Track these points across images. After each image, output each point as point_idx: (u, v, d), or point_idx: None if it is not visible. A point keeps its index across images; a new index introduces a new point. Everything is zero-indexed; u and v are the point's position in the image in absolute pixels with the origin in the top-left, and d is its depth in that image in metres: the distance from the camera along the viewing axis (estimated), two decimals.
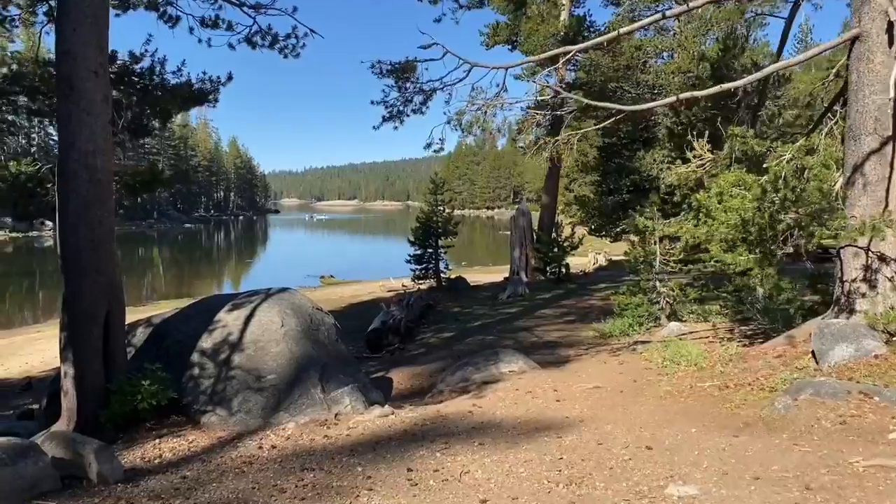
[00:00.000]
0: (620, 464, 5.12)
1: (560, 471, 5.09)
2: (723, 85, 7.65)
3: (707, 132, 18.58)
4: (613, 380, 8.70)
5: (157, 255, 66.59)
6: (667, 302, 13.47)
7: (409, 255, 26.13)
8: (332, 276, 38.06)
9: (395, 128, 14.54)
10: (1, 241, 70.60)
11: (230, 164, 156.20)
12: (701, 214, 8.81)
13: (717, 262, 9.00)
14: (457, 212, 33.07)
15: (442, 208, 26.29)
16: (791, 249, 7.98)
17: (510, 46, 29.40)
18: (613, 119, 11.73)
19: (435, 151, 10.87)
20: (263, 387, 7.89)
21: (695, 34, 29.88)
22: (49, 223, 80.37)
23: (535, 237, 26.95)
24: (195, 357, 8.37)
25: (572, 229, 29.21)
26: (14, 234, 74.48)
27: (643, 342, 11.43)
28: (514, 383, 9.07)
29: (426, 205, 26.65)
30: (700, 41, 30.58)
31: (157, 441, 7.20)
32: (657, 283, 13.44)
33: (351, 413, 7.70)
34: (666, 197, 14.67)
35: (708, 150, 10.78)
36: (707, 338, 11.11)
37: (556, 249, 25.23)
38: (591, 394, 7.94)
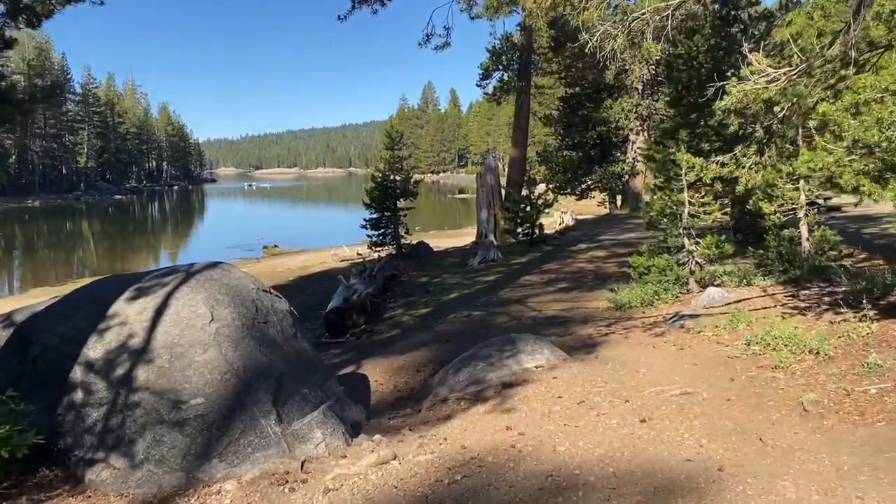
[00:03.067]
0: None
1: None
2: None
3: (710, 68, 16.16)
4: (696, 377, 6.13)
5: (86, 228, 61.85)
6: (696, 263, 11.00)
7: (365, 220, 23.16)
8: (276, 246, 34.70)
9: (375, 12, 11.29)
10: None
11: (162, 132, 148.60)
12: (819, 140, 6.25)
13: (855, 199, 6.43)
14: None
15: (400, 166, 23.32)
16: None
17: None
18: None
19: (437, 48, 7.93)
20: (185, 419, 5.02)
21: None
22: None
23: (503, 195, 24.33)
24: (78, 373, 5.43)
25: (546, 186, 26.71)
26: None
27: (691, 316, 8.91)
28: (549, 386, 6.42)
29: (382, 162, 23.64)
30: None
31: None
32: (685, 241, 10.94)
33: (327, 456, 4.91)
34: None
35: (768, 65, 8.20)
36: (773, 307, 8.67)
37: (528, 208, 22.62)
38: (683, 406, 5.34)
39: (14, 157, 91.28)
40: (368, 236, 23.22)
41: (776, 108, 8.36)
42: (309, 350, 6.54)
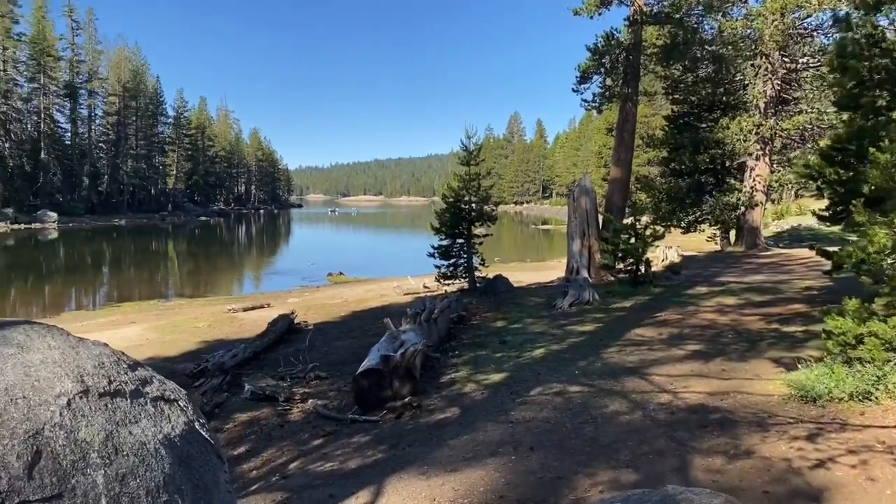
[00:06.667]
0: None
1: None
2: None
3: None
4: None
5: (171, 247, 61.25)
6: None
7: (433, 247, 19.51)
8: (341, 274, 31.62)
9: None
10: (2, 233, 65.60)
11: (251, 157, 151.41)
12: None
13: None
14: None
15: (477, 185, 19.58)
16: None
17: None
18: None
19: None
20: None
21: None
22: (53, 214, 75.28)
23: (600, 223, 20.24)
24: None
25: (654, 217, 22.38)
26: (15, 226, 69.73)
27: None
28: None
29: (455, 180, 19.99)
30: None
31: None
32: None
33: None
34: None
35: None
36: None
37: (633, 239, 18.39)
38: None
39: (106, 176, 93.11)
40: (437, 266, 19.56)
41: None
42: None
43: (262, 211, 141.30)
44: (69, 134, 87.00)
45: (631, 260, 18.72)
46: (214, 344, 14.97)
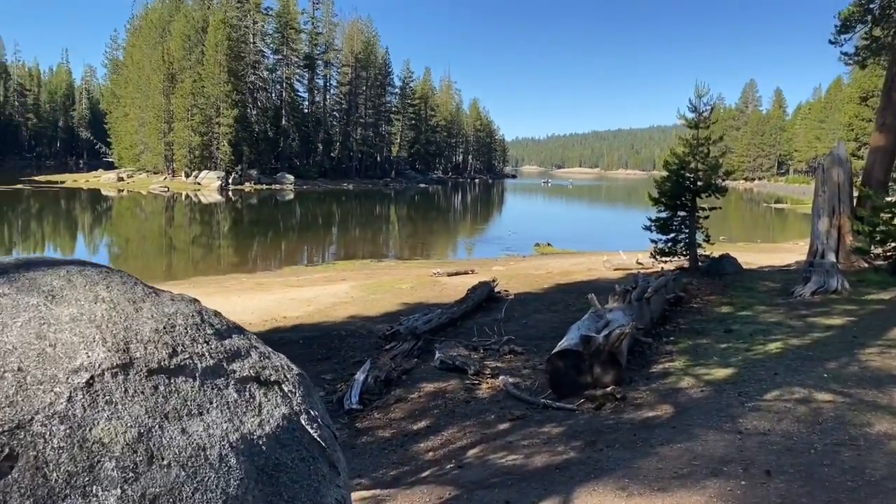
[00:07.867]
0: None
1: None
2: None
3: None
4: None
5: (393, 212, 64.43)
6: None
7: (650, 220, 17.71)
8: (549, 245, 30.60)
9: None
10: (247, 192, 72.87)
11: (470, 127, 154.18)
12: None
13: None
14: None
15: (706, 151, 17.39)
16: None
17: None
18: None
19: None
20: None
21: None
22: (290, 176, 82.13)
23: (854, 200, 17.19)
24: None
25: None
26: (258, 186, 77.05)
27: None
28: None
29: (680, 145, 17.95)
30: None
31: None
32: None
33: None
34: None
35: None
36: None
37: None
38: None
39: (338, 143, 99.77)
40: (653, 241, 17.77)
41: None
42: None
43: (476, 180, 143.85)
44: (306, 102, 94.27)
45: (893, 244, 15.66)
46: (414, 306, 14.70)
